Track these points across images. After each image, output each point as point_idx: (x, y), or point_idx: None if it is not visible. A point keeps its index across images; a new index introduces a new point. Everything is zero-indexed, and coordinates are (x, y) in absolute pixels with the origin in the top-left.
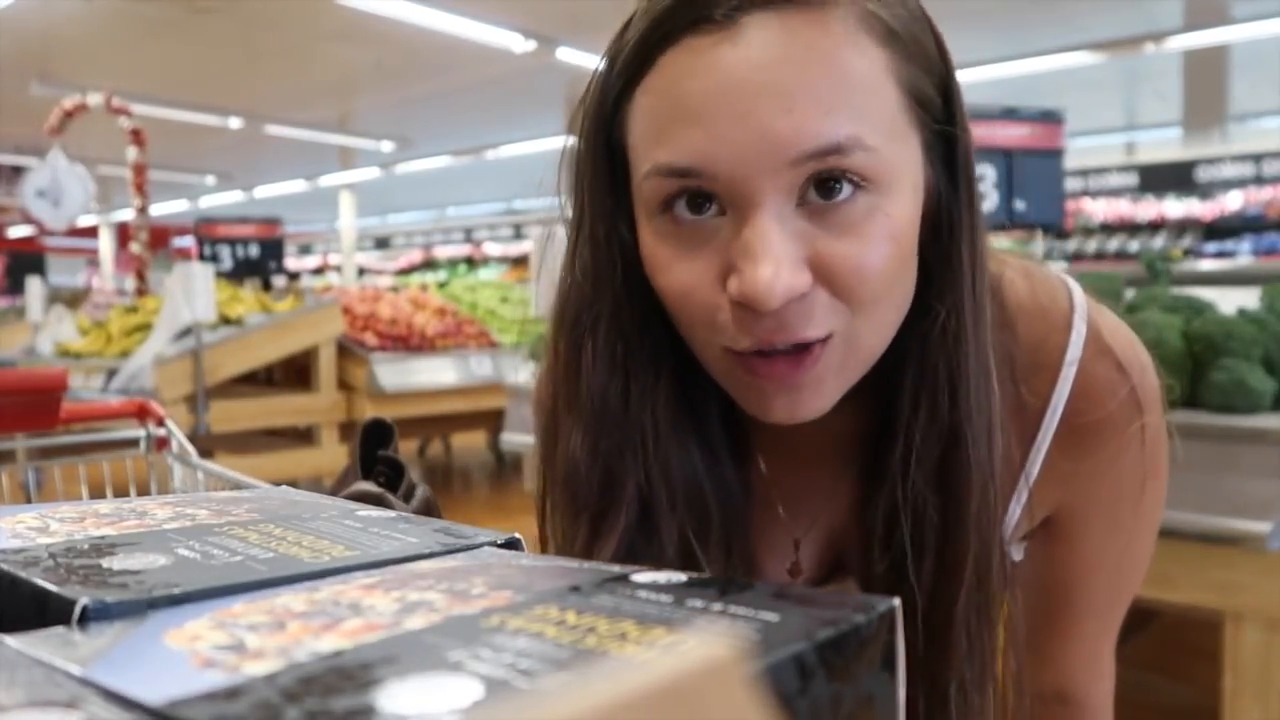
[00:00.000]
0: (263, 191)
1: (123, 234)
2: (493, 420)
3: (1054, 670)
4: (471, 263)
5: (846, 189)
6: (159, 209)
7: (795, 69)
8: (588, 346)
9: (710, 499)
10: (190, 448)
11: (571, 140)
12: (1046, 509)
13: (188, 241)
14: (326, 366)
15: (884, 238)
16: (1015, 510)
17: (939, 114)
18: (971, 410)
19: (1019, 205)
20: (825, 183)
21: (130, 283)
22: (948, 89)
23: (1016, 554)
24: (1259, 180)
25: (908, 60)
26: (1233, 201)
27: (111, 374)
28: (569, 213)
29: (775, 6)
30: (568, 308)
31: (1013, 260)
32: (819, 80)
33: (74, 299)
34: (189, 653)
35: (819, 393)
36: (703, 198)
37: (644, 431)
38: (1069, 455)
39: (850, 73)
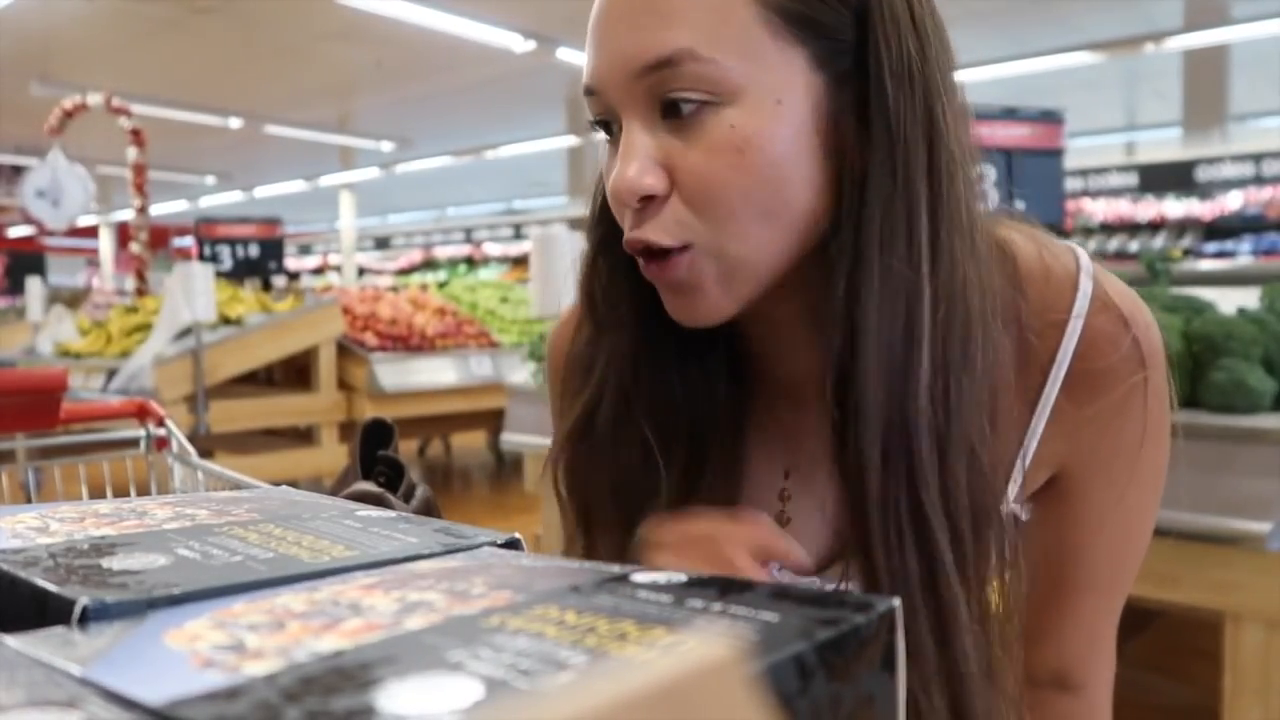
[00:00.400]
0: (263, 191)
1: (123, 234)
2: (493, 420)
3: (1052, 650)
4: (471, 263)
5: (692, 105)
6: (159, 209)
7: None
8: (590, 254)
9: (680, 402)
10: (190, 448)
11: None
12: (1051, 466)
13: (188, 241)
14: (326, 366)
15: (729, 149)
16: (1019, 469)
17: (843, 33)
18: (869, 337)
19: (1019, 205)
20: (672, 101)
21: (130, 283)
22: (864, 11)
23: (1024, 514)
24: (1259, 180)
25: None
26: (1233, 201)
27: (111, 374)
28: (582, 205)
29: None
30: (588, 224)
31: (1021, 226)
32: (663, 2)
33: (74, 299)
34: (189, 653)
35: (704, 298)
36: (606, 120)
37: (625, 320)
38: (1075, 404)
39: None
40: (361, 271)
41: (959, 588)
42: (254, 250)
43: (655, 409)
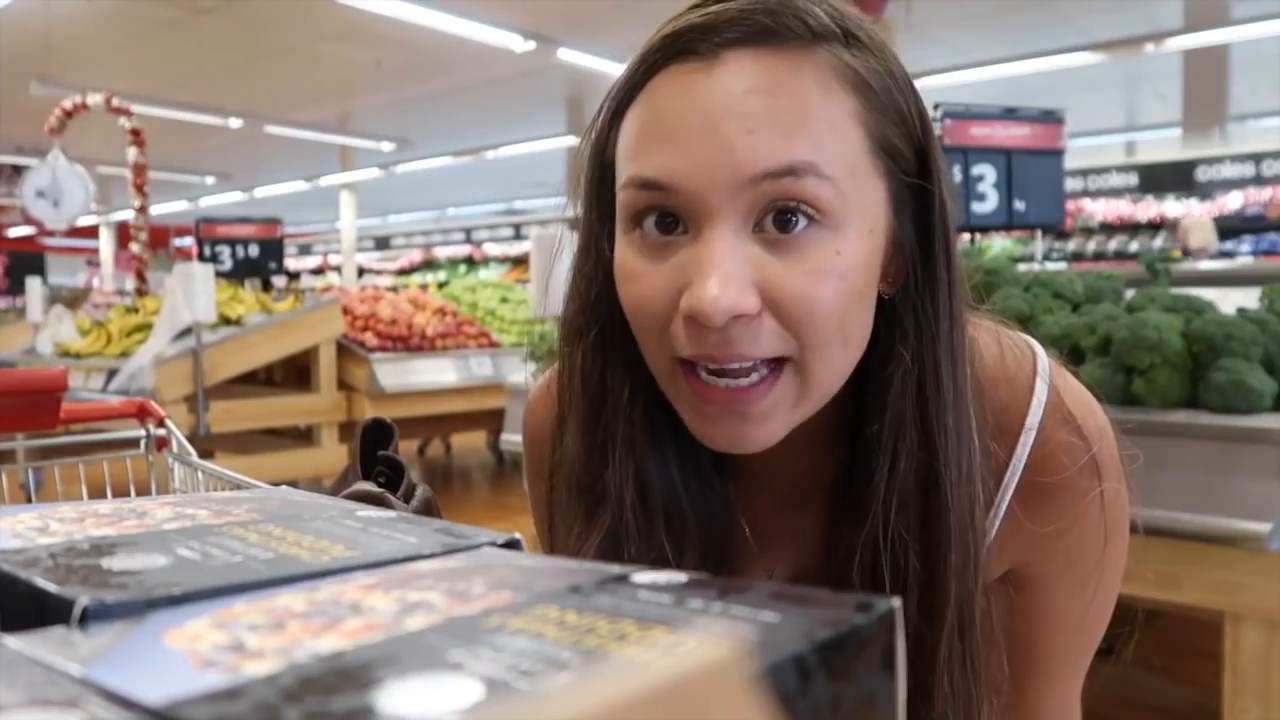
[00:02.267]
0: (263, 191)
1: (123, 234)
2: (493, 420)
3: (1023, 716)
4: (471, 263)
5: (801, 222)
6: (159, 209)
7: (761, 97)
8: (579, 349)
9: (687, 510)
10: (190, 448)
11: (579, 145)
12: (1008, 562)
13: (188, 241)
14: (326, 366)
15: (833, 274)
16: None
17: (910, 169)
18: (950, 458)
19: (1019, 205)
20: (782, 214)
21: (130, 283)
22: (924, 152)
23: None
24: (1259, 180)
25: (877, 111)
26: (1233, 201)
27: (111, 374)
28: (577, 208)
29: (754, 45)
30: (565, 314)
31: (985, 323)
32: (782, 109)
33: (74, 299)
34: (189, 653)
35: (769, 422)
36: (670, 217)
37: (620, 436)
38: (1029, 516)
39: (814, 108)
40: (361, 272)
41: (955, 685)
42: (254, 250)
43: (671, 525)
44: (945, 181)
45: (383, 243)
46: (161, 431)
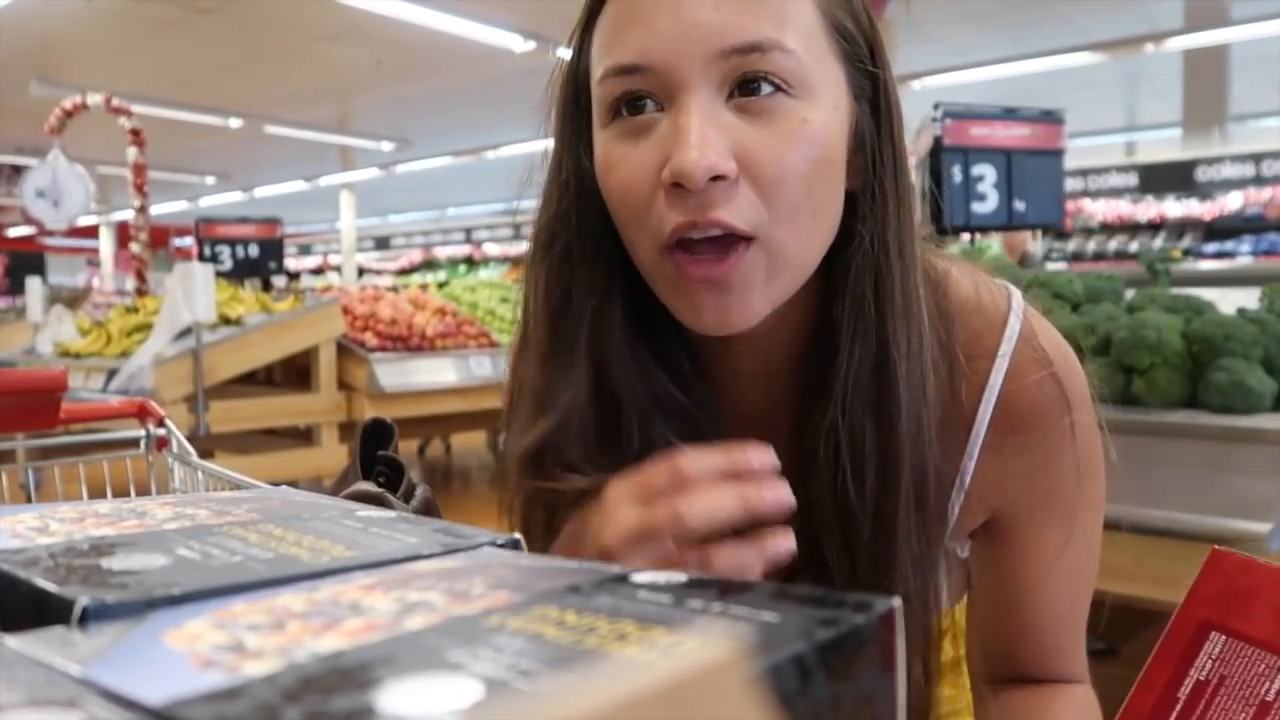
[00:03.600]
0: (263, 191)
1: (123, 234)
2: (493, 420)
3: (1030, 667)
4: (471, 263)
5: (767, 88)
6: (159, 209)
7: None
8: (545, 263)
9: (690, 410)
10: (190, 448)
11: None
12: (987, 507)
13: (188, 241)
14: (326, 367)
15: (802, 139)
16: (956, 504)
17: (864, 56)
18: (897, 333)
19: (1019, 205)
20: (749, 83)
21: (130, 283)
22: (871, 39)
23: (962, 551)
24: (1259, 180)
25: None
26: (1233, 201)
27: (111, 374)
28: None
29: None
30: (535, 230)
31: (962, 262)
32: None
33: (74, 299)
34: (189, 653)
35: (746, 298)
36: (647, 98)
37: (582, 341)
38: (1003, 449)
39: None
40: (361, 271)
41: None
42: (254, 250)
43: (632, 431)
44: (890, 72)
45: (383, 243)
46: (161, 431)
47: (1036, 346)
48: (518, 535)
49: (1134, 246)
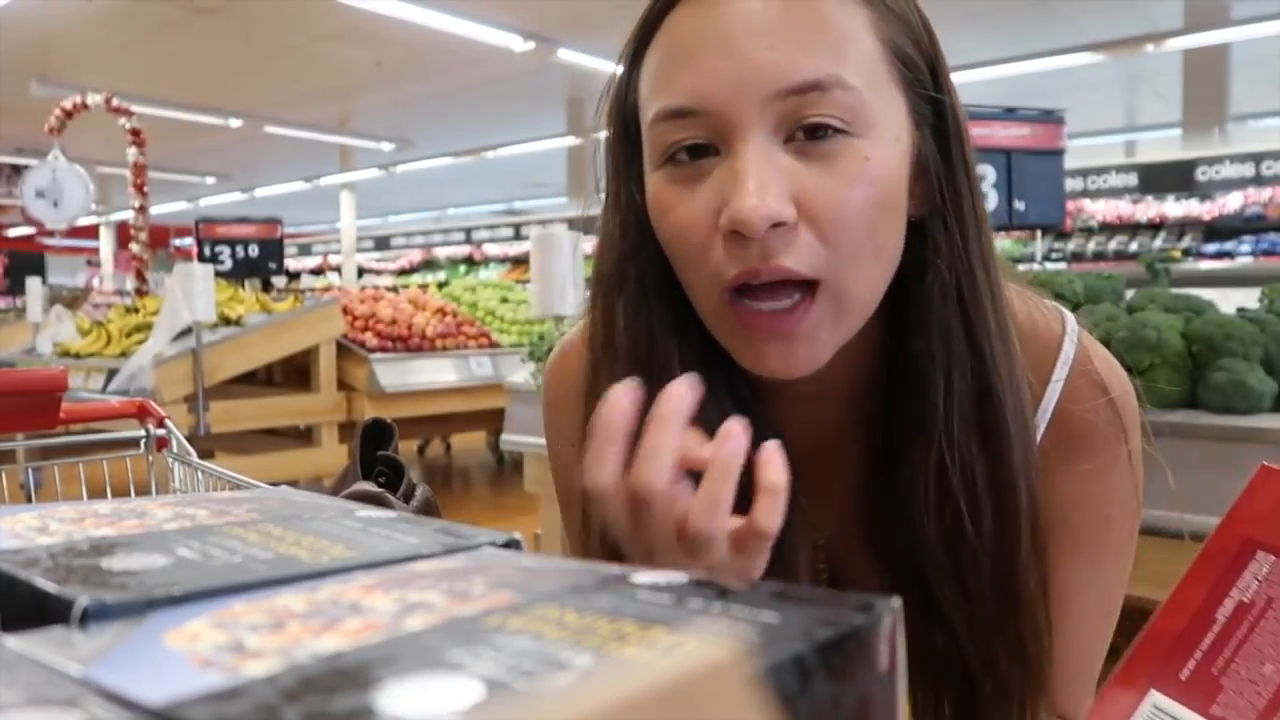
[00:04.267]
0: (263, 191)
1: (123, 234)
2: (493, 420)
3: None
4: (471, 263)
5: (830, 132)
6: (159, 209)
7: (779, 14)
8: (619, 302)
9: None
10: (190, 448)
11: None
12: None
13: (188, 241)
14: (326, 367)
15: (864, 179)
16: None
17: (925, 81)
18: (997, 363)
19: (1019, 205)
20: (812, 127)
21: (130, 283)
22: (934, 60)
23: None
24: (1259, 180)
25: (888, 20)
26: (1233, 201)
27: (111, 374)
28: (582, 206)
29: None
30: (599, 267)
31: (1011, 285)
32: (800, 24)
33: (74, 299)
34: (189, 653)
35: (812, 345)
36: (698, 144)
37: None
38: (1054, 472)
39: (831, 20)
40: (361, 272)
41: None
42: (254, 250)
43: None
44: (956, 94)
45: (383, 243)
46: (161, 431)
47: (1092, 371)
48: (517, 535)
49: (1134, 246)
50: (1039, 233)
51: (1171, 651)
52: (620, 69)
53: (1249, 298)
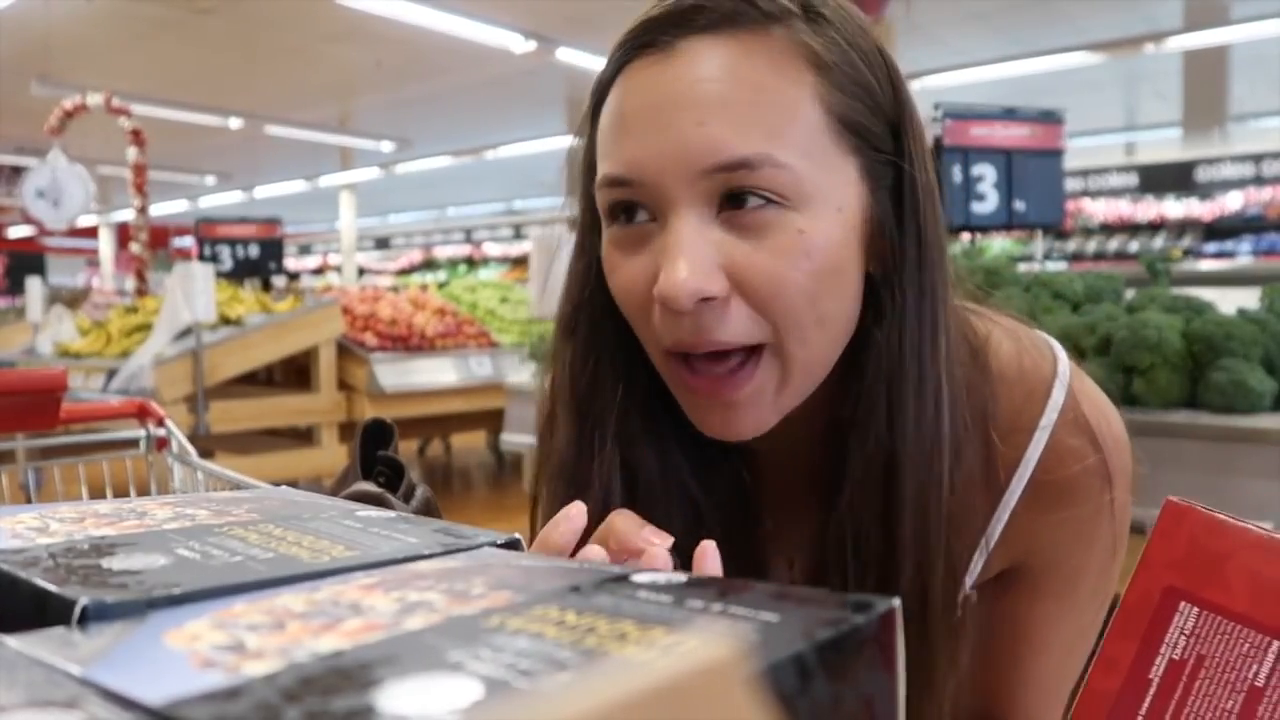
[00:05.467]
0: (263, 191)
1: (123, 234)
2: (493, 420)
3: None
4: (471, 263)
5: (756, 200)
6: (159, 209)
7: (714, 86)
8: (571, 344)
9: (699, 498)
10: (190, 448)
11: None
12: (1007, 561)
13: (188, 241)
14: (326, 367)
15: (798, 252)
16: (978, 562)
17: (884, 145)
18: (908, 437)
19: (1019, 205)
20: (739, 196)
21: (130, 283)
22: (898, 125)
23: (973, 598)
24: (1259, 180)
25: (839, 88)
26: (1233, 201)
27: (111, 374)
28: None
29: (709, 32)
30: (560, 311)
31: (1004, 321)
32: (734, 99)
33: (74, 299)
34: (189, 653)
35: (755, 409)
36: (637, 207)
37: (610, 430)
38: (1034, 514)
39: (767, 94)
40: (361, 271)
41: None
42: (254, 250)
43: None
44: (920, 155)
45: (383, 243)
46: (161, 431)
47: (1080, 419)
48: (517, 535)
49: (1134, 246)
50: (1039, 233)
51: (1113, 715)
52: (583, 126)
53: (1249, 298)
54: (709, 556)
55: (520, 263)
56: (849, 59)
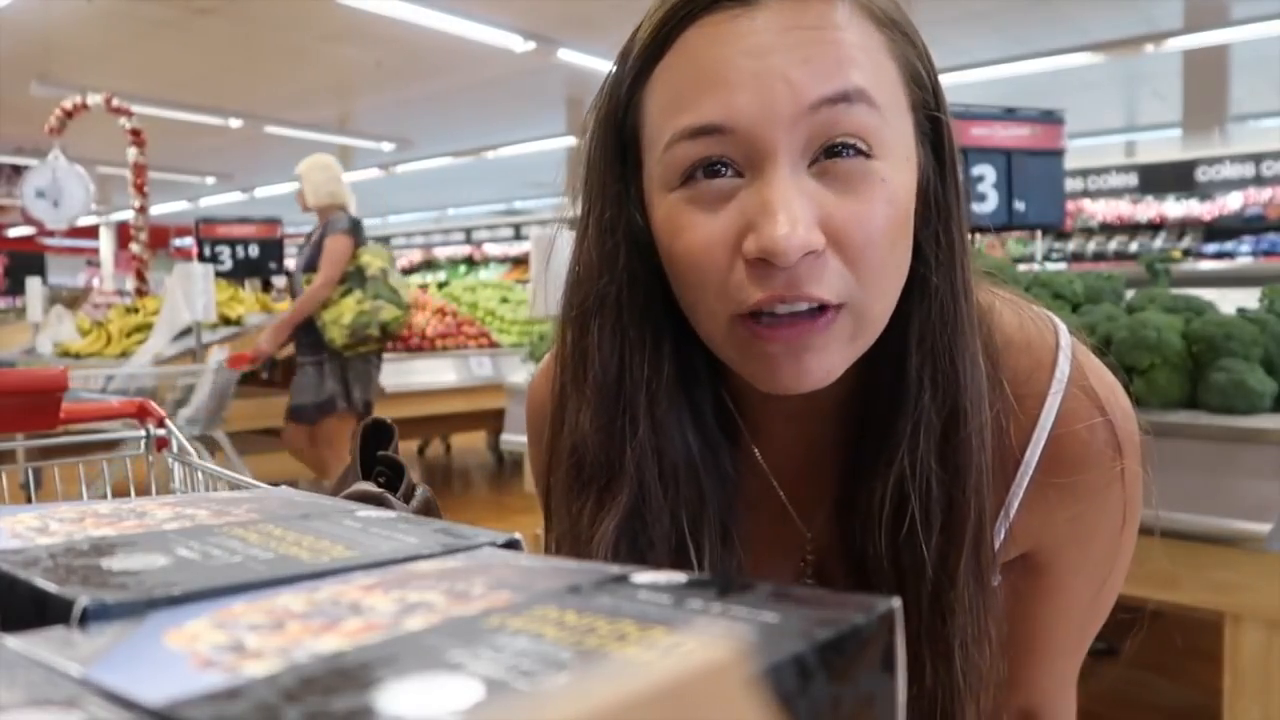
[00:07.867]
0: (263, 191)
1: (123, 234)
2: (493, 420)
3: (1023, 694)
4: (471, 263)
5: (851, 152)
6: (159, 209)
7: (810, 33)
8: (593, 329)
9: (704, 483)
10: (190, 448)
11: (579, 140)
12: (1025, 542)
13: (188, 241)
14: None
15: (883, 200)
16: (998, 541)
17: (930, 101)
18: (968, 386)
19: (1019, 206)
20: (834, 148)
21: (130, 283)
22: (935, 81)
23: (994, 580)
24: (1259, 180)
25: (901, 44)
26: (1233, 202)
27: (111, 374)
28: (577, 208)
29: None
30: (576, 293)
31: (1002, 293)
32: (830, 40)
33: (74, 299)
34: (189, 653)
35: (826, 358)
36: (721, 164)
37: (641, 412)
38: (1049, 491)
39: (857, 42)
40: None
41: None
42: (254, 250)
43: (689, 501)
44: (948, 115)
45: (383, 243)
46: (161, 431)
47: (1088, 389)
48: (517, 535)
49: (1134, 246)
50: (1039, 233)
51: None
52: (614, 90)
53: (1249, 298)
54: None
55: (520, 263)
56: (904, 19)
